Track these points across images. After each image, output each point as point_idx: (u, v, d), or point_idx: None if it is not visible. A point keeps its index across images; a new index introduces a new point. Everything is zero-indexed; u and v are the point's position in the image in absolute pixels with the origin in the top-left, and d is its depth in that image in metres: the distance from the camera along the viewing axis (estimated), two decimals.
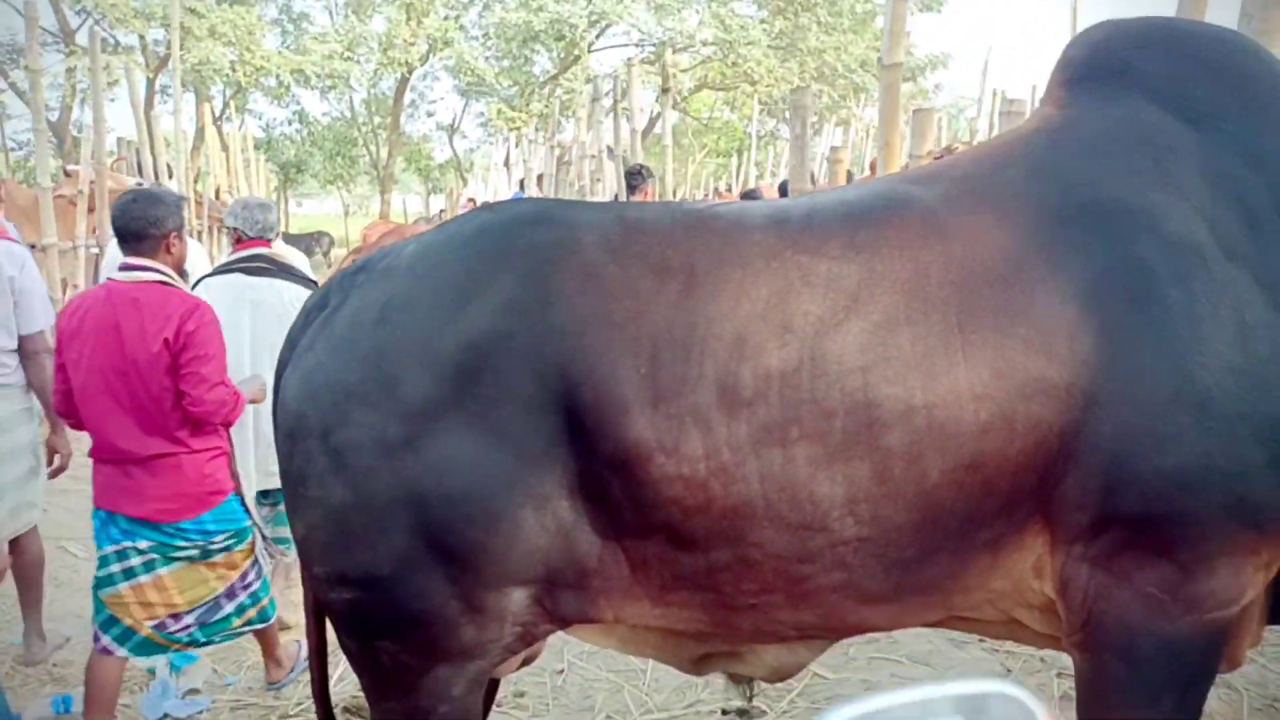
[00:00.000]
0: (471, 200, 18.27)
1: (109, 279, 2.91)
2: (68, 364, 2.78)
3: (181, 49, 15.50)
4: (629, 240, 1.54)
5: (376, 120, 31.01)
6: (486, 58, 26.19)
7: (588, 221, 1.57)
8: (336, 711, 3.09)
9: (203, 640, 2.94)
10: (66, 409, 2.86)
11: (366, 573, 1.53)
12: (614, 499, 1.50)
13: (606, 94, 11.01)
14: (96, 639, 2.86)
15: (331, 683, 3.25)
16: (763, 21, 24.59)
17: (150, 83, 22.54)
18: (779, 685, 3.07)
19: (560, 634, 3.42)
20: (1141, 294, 1.42)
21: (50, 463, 3.49)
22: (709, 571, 1.53)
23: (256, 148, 22.52)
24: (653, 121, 20.95)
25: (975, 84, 14.15)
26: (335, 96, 28.94)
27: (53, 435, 3.43)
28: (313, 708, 3.11)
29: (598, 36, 25.82)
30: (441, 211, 23.21)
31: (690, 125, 29.60)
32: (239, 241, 3.77)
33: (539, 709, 3.07)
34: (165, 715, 3.19)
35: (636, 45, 25.94)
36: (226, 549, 2.85)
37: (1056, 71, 1.70)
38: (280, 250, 4.22)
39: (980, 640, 3.29)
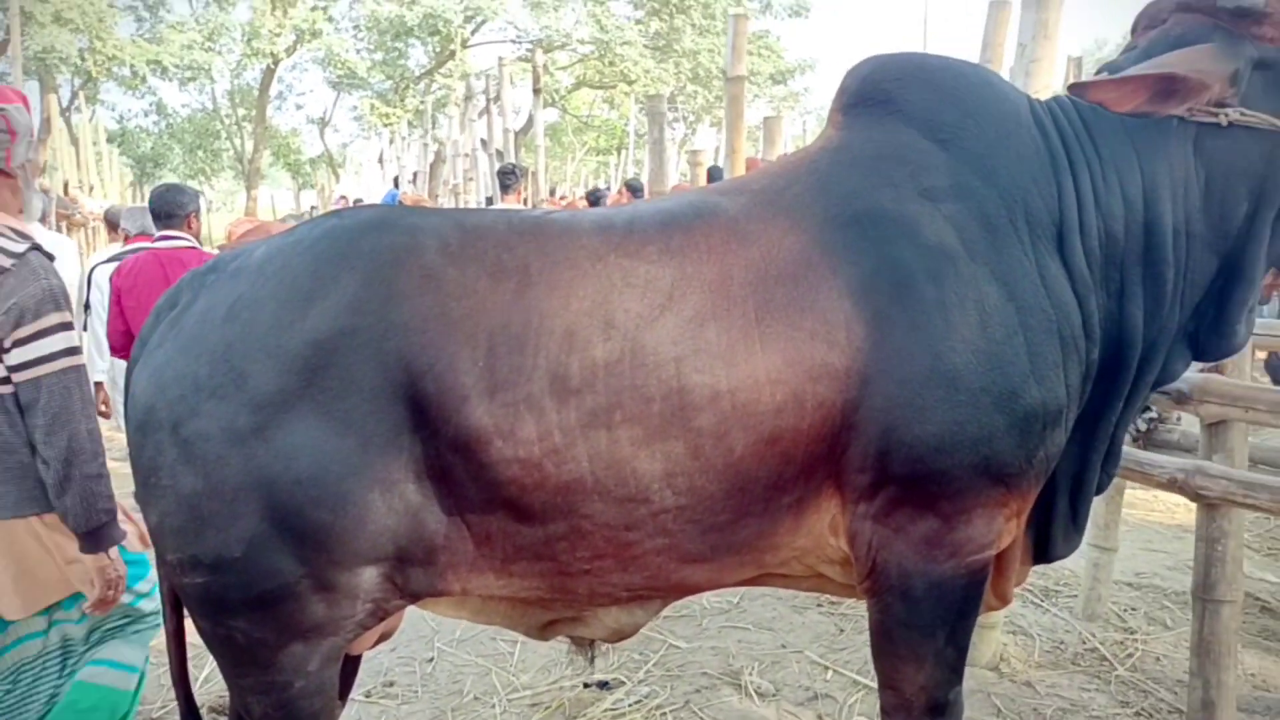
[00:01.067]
0: (344, 198, 17.76)
1: (147, 247, 4.02)
2: (126, 310, 3.82)
3: (22, 35, 14.49)
4: (466, 244, 1.66)
5: (241, 112, 29.73)
6: (358, 50, 25.52)
7: (428, 227, 1.68)
8: (203, 712, 3.10)
9: None
10: (124, 344, 3.81)
11: (219, 555, 1.58)
12: (457, 480, 1.61)
13: (481, 92, 10.99)
14: None
15: (197, 684, 3.27)
16: (638, 22, 24.90)
17: None
18: (637, 657, 3.26)
19: (429, 623, 3.54)
20: (902, 289, 1.64)
21: None
22: (546, 542, 1.66)
23: (110, 140, 21.30)
24: (531, 119, 20.96)
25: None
26: (196, 88, 27.64)
27: None
28: (176, 711, 3.13)
29: (473, 32, 25.55)
30: (313, 209, 22.47)
31: (570, 123, 29.66)
32: (127, 239, 4.58)
33: (409, 696, 3.13)
34: None
35: (514, 41, 25.83)
36: None
37: (835, 99, 1.92)
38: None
39: (818, 605, 3.57)
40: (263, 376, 1.55)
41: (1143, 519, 4.73)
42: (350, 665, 2.03)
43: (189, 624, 1.88)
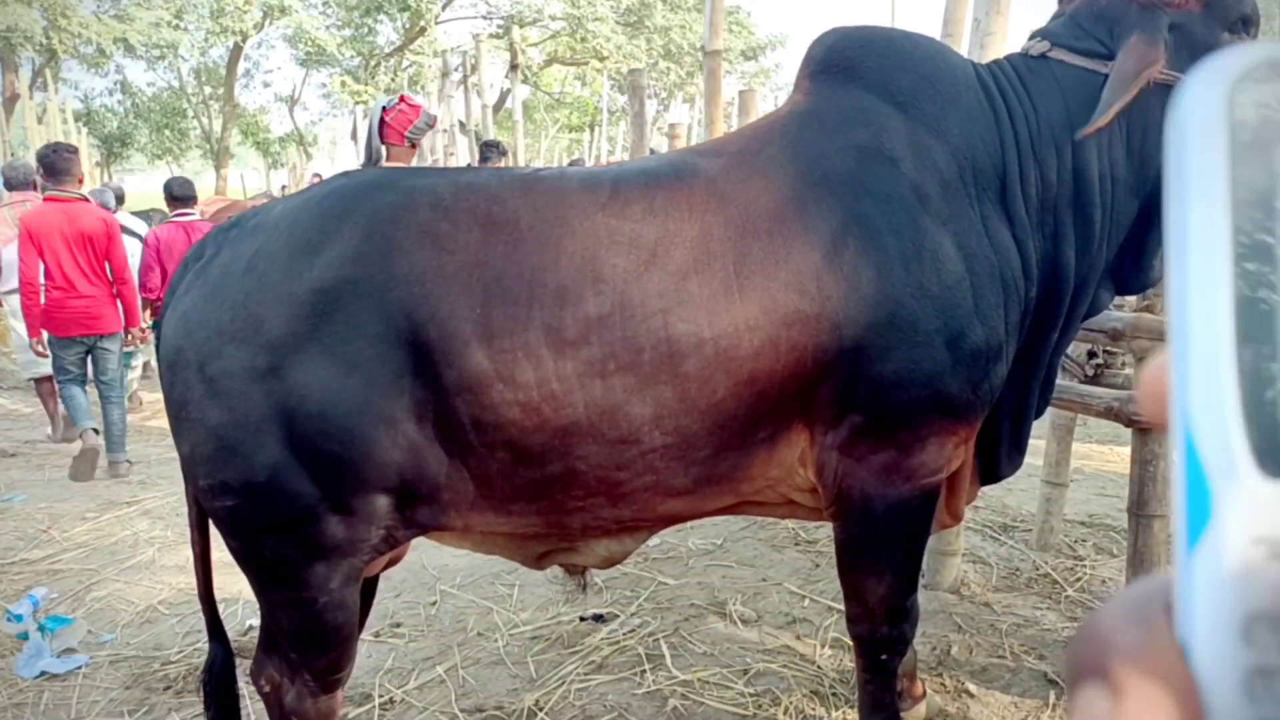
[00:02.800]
0: (318, 175, 17.69)
1: (169, 220, 6.22)
2: (165, 260, 5.89)
3: None
4: (458, 199, 1.76)
5: (208, 90, 29.33)
6: (327, 27, 25.23)
7: (423, 186, 1.83)
8: None
9: None
10: (159, 286, 5.87)
11: (245, 481, 1.74)
12: (459, 423, 1.73)
13: (456, 68, 11.05)
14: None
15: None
16: None
17: None
18: (628, 594, 3.50)
19: (431, 571, 3.76)
20: (866, 242, 1.80)
21: None
22: (543, 483, 1.81)
23: (76, 119, 20.99)
24: (504, 96, 20.91)
25: None
26: (163, 66, 27.22)
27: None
28: (192, 655, 3.33)
29: (444, 8, 25.38)
30: (284, 188, 22.30)
31: (542, 100, 29.56)
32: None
33: (415, 635, 3.33)
34: (43, 673, 3.25)
35: (485, 18, 25.68)
36: None
37: (802, 67, 2.09)
38: (127, 222, 6.98)
39: (795, 545, 3.84)
40: (276, 321, 1.70)
41: (1099, 468, 5.03)
42: (367, 588, 2.19)
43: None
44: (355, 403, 1.70)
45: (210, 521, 1.97)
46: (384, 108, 4.18)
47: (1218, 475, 0.27)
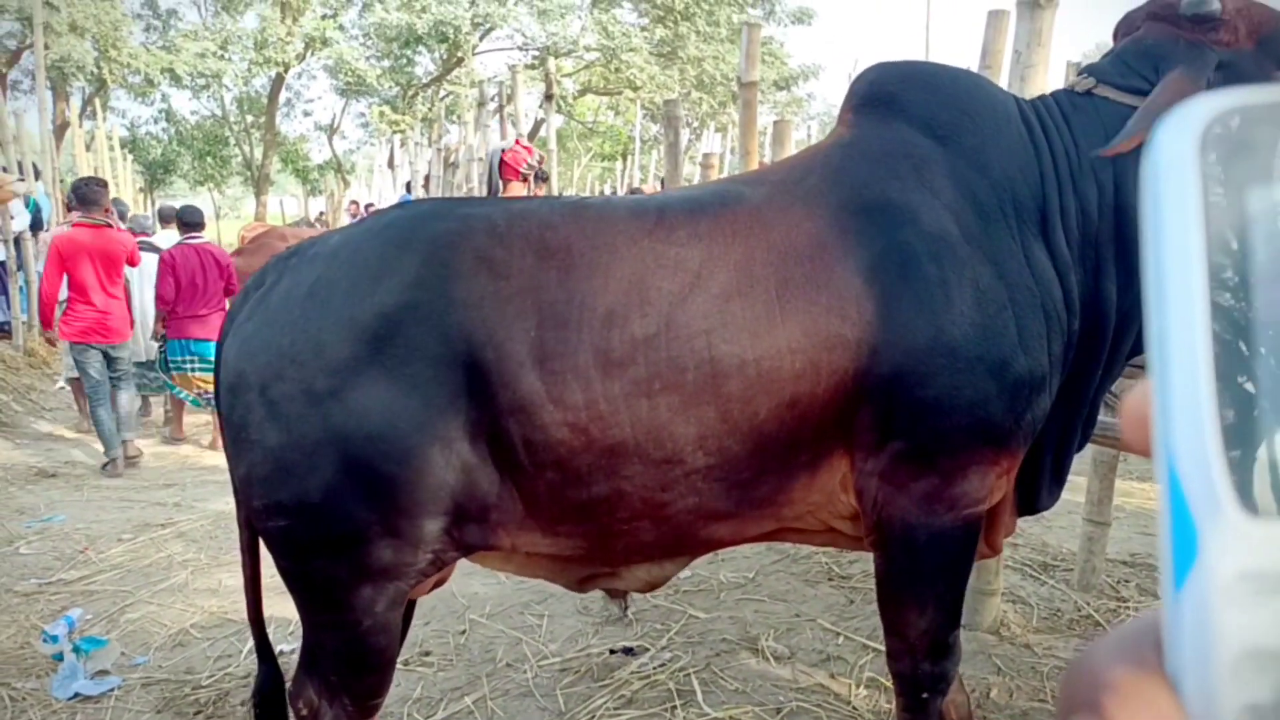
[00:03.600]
0: (355, 203, 18.00)
1: (181, 242, 6.77)
2: (181, 278, 6.55)
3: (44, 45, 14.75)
4: (512, 226, 1.85)
5: (249, 119, 30.00)
6: (367, 58, 25.77)
7: (478, 214, 1.89)
8: (250, 679, 3.31)
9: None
10: (173, 297, 6.53)
11: (300, 501, 1.78)
12: (510, 442, 1.79)
13: (492, 98, 11.22)
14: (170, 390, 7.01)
15: (241, 655, 3.47)
16: (644, 29, 25.12)
17: (2, 78, 21.26)
18: (659, 627, 3.46)
19: (462, 598, 3.75)
20: (907, 270, 1.83)
21: None
22: (590, 504, 1.83)
23: (122, 146, 21.55)
24: (538, 125, 21.16)
25: (844, 92, 14.96)
26: (206, 95, 27.91)
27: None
28: (223, 680, 3.34)
29: (481, 39, 25.82)
30: (321, 214, 22.68)
31: (575, 129, 29.89)
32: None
33: (444, 664, 3.32)
34: (76, 695, 3.27)
35: (521, 49, 26.08)
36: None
37: (845, 101, 2.13)
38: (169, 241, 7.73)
39: (829, 580, 3.78)
40: (338, 345, 1.75)
41: (1141, 506, 4.92)
42: (406, 613, 2.19)
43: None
44: (413, 423, 1.74)
45: (260, 544, 2.00)
46: (503, 150, 5.10)
47: (1202, 512, 0.27)
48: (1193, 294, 0.27)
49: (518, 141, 5.26)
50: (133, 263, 6.55)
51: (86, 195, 6.19)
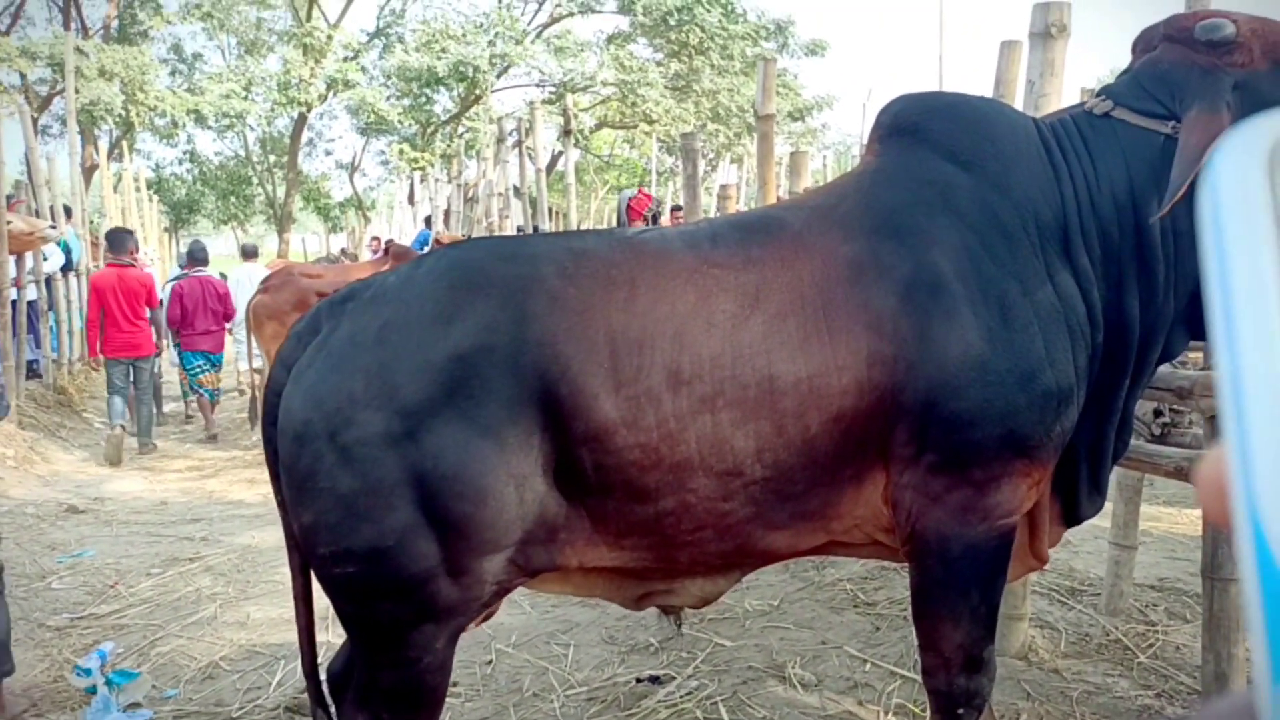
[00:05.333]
0: (376, 239, 18.21)
1: (189, 274, 9.03)
2: (186, 303, 8.69)
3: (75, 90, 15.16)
4: (580, 266, 1.92)
5: (272, 159, 30.53)
6: (388, 98, 26.20)
7: (544, 255, 1.95)
8: (279, 712, 3.34)
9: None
10: (182, 321, 8.68)
11: (373, 546, 1.79)
12: (581, 469, 1.85)
13: (511, 133, 11.39)
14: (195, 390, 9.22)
15: (271, 687, 3.50)
16: (659, 64, 25.42)
17: (34, 122, 21.78)
18: (685, 655, 3.46)
19: (486, 629, 3.77)
20: (936, 288, 1.89)
21: None
22: (656, 517, 1.89)
23: (148, 187, 21.98)
24: (555, 159, 21.41)
25: (858, 122, 15.07)
26: (230, 136, 28.46)
27: None
28: (253, 712, 3.36)
29: (498, 76, 26.22)
30: (343, 250, 22.97)
31: (591, 162, 30.18)
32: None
33: (471, 695, 3.32)
34: None
35: (538, 86, 26.46)
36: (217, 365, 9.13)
37: (873, 131, 2.21)
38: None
39: (855, 607, 3.77)
40: (412, 388, 1.79)
41: (1168, 531, 4.88)
42: None
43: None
44: (489, 464, 1.78)
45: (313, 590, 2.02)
46: (629, 197, 6.41)
47: None
48: (1271, 331, 0.24)
49: (640, 190, 6.34)
50: (151, 301, 8.29)
51: (115, 241, 8.00)
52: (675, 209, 9.84)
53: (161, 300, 8.84)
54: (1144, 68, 2.07)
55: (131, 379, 8.22)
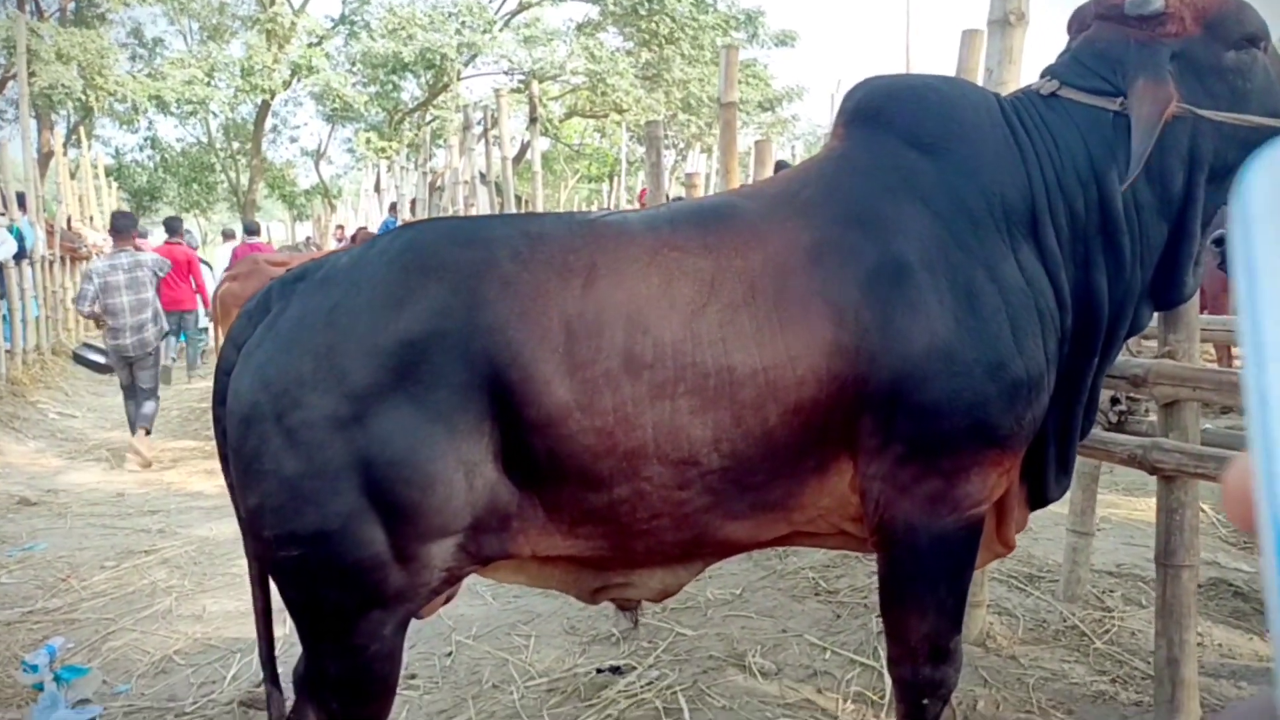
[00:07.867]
0: (341, 228, 18.00)
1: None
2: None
3: (29, 72, 14.77)
4: (535, 250, 1.87)
5: (235, 145, 30.02)
6: (354, 84, 25.85)
7: (499, 238, 1.90)
8: (233, 706, 3.28)
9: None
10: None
11: (318, 530, 1.76)
12: (533, 456, 1.81)
13: (478, 122, 11.28)
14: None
15: (225, 681, 3.44)
16: (629, 53, 25.33)
17: None
18: (646, 645, 3.45)
19: (446, 620, 3.73)
20: (901, 277, 1.85)
21: None
22: (611, 505, 1.86)
23: (108, 174, 21.53)
24: (524, 148, 21.25)
25: (827, 112, 15.15)
26: (191, 122, 27.93)
27: None
28: (207, 707, 3.30)
29: (466, 64, 25.96)
30: (308, 239, 22.66)
31: (562, 151, 30.02)
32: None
33: (430, 687, 3.28)
34: None
35: (506, 74, 26.22)
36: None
37: (837, 116, 2.18)
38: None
39: (816, 595, 3.78)
40: (361, 372, 1.75)
41: (1125, 518, 4.94)
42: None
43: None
44: (438, 450, 1.74)
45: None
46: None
47: None
48: None
49: (643, 191, 6.19)
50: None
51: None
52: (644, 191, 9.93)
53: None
54: (1082, 46, 2.06)
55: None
